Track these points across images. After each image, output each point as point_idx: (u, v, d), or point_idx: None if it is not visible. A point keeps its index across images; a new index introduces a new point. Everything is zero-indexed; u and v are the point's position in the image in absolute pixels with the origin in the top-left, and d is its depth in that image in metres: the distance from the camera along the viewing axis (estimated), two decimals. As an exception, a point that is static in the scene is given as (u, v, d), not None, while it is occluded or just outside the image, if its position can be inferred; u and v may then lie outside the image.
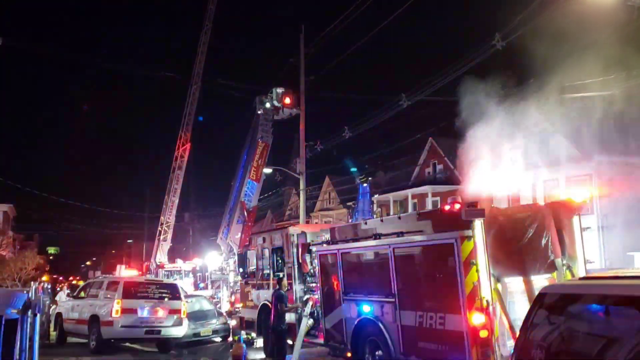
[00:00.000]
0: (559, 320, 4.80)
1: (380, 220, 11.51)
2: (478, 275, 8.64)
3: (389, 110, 25.76)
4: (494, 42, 18.68)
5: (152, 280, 21.82)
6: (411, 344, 9.81)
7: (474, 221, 8.72)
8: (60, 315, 18.56)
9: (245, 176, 30.88)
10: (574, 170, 24.98)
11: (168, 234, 41.10)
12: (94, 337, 15.99)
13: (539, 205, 10.36)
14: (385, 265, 10.43)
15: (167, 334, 16.36)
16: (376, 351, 10.77)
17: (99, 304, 16.40)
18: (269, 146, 30.55)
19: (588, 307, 4.60)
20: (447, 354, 9.06)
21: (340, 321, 11.84)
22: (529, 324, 5.01)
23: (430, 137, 38.16)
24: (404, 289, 10.04)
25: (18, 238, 57.33)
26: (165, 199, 40.89)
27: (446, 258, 9.04)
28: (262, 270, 15.66)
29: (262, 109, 29.61)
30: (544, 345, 4.72)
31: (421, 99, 23.57)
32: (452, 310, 8.92)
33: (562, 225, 10.02)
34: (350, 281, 11.62)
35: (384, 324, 10.40)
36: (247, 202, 30.77)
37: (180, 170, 39.81)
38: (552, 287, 5.35)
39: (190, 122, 38.99)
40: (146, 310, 15.95)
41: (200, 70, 37.75)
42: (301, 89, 28.93)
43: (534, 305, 5.09)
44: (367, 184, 30.71)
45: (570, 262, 9.84)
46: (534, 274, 9.35)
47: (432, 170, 39.78)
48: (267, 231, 18.28)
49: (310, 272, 13.64)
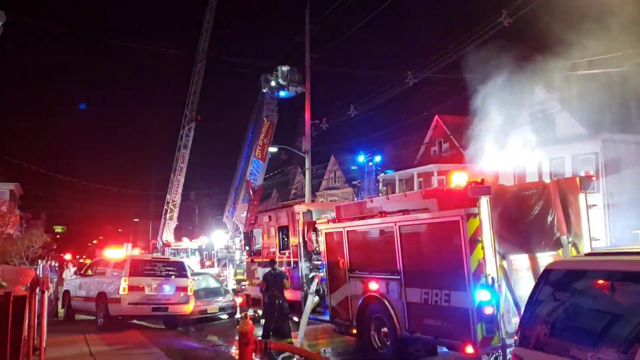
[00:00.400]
0: (564, 297, 4.81)
1: (387, 198, 11.50)
2: (483, 253, 8.66)
3: (394, 89, 25.65)
4: (501, 19, 18.51)
5: (159, 258, 21.96)
6: (416, 320, 9.87)
7: (480, 199, 8.73)
8: (68, 292, 18.75)
9: (250, 155, 30.93)
10: (580, 148, 24.87)
11: (174, 212, 41.29)
12: (101, 314, 16.16)
13: (545, 183, 10.31)
14: (391, 242, 10.46)
15: (174, 311, 16.52)
16: (381, 328, 10.86)
17: (106, 281, 16.55)
18: (274, 125, 30.53)
19: (593, 283, 4.61)
20: (452, 330, 9.12)
21: (345, 298, 11.92)
22: (534, 300, 5.03)
23: (437, 115, 37.98)
24: (410, 267, 10.08)
25: (25, 217, 57.69)
26: (171, 178, 40.99)
27: (452, 235, 9.05)
28: (268, 248, 15.73)
29: (267, 87, 29.52)
30: (549, 321, 4.74)
31: (427, 76, 23.42)
32: (457, 287, 8.95)
33: (568, 203, 10.01)
34: (356, 259, 11.67)
35: (390, 301, 10.46)
36: (252, 181, 30.87)
37: (185, 149, 39.81)
38: (557, 264, 5.35)
39: (195, 100, 38.90)
40: (153, 288, 16.08)
41: (205, 48, 37.59)
42: (306, 64, 28.77)
43: (539, 282, 5.11)
44: (372, 162, 30.61)
45: (576, 239, 9.85)
46: (540, 252, 9.36)
47: (438, 149, 39.64)
48: (273, 209, 18.33)
49: (315, 250, 13.70)
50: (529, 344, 4.81)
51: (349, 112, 28.49)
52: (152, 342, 13.74)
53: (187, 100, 38.95)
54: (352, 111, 28.37)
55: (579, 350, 4.22)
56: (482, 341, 8.56)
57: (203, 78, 38.40)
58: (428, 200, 9.82)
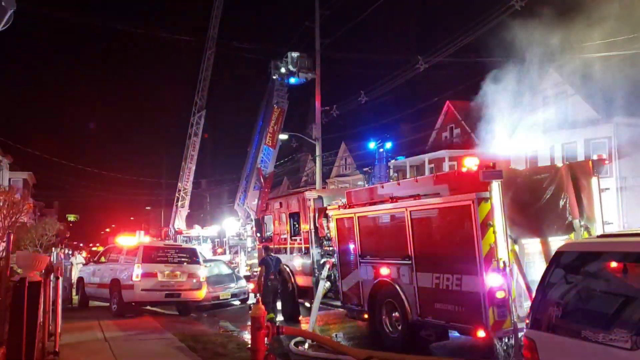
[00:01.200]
0: (576, 279, 4.80)
1: (397, 183, 11.47)
2: (495, 237, 8.63)
3: (405, 74, 25.50)
4: (513, 2, 18.31)
5: (171, 244, 22.10)
6: (428, 305, 9.88)
7: (492, 183, 8.68)
8: (81, 279, 18.95)
9: (261, 142, 30.92)
10: (593, 132, 24.66)
11: (186, 200, 41.48)
12: (115, 300, 16.33)
13: (557, 167, 10.23)
14: (402, 228, 10.45)
15: (186, 297, 16.66)
16: (393, 313, 10.89)
17: (119, 268, 16.70)
18: (284, 111, 30.47)
19: (605, 265, 4.59)
20: (463, 315, 9.13)
21: (357, 284, 11.95)
22: (546, 283, 5.01)
23: (448, 101, 37.76)
24: (421, 251, 10.08)
25: (38, 205, 58.24)
26: (182, 166, 41.14)
27: (463, 220, 9.03)
28: (279, 235, 15.79)
29: (277, 74, 29.43)
30: (561, 304, 4.73)
31: (439, 62, 23.25)
32: (469, 271, 8.94)
33: (580, 187, 9.94)
34: (367, 244, 11.68)
35: (401, 286, 10.48)
36: (263, 169, 30.90)
37: (196, 136, 39.90)
38: (569, 246, 5.33)
39: (205, 87, 38.89)
40: (166, 274, 16.22)
41: (215, 35, 37.50)
42: (317, 50, 28.63)
43: (551, 265, 5.09)
44: (383, 149, 30.53)
45: (588, 223, 9.78)
46: (552, 236, 9.31)
47: (449, 135, 39.46)
48: (283, 196, 18.37)
49: (326, 236, 13.72)
50: (540, 326, 4.80)
51: (360, 99, 28.41)
52: (165, 328, 13.89)
53: (197, 87, 38.98)
54: (363, 97, 28.28)
55: (591, 332, 4.22)
56: (494, 325, 8.56)
57: (213, 65, 38.41)
58: (439, 185, 9.79)
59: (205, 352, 10.36)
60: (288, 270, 15.05)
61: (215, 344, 11.16)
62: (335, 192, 15.02)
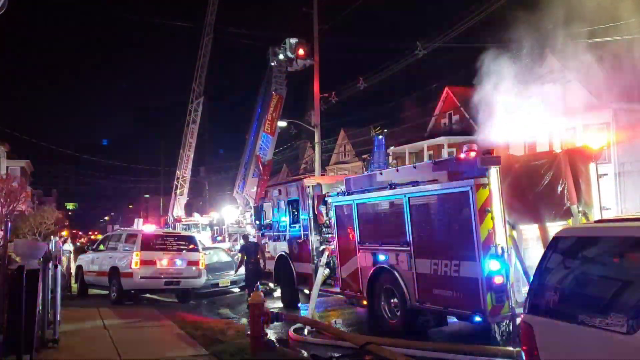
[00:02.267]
0: (573, 264, 4.81)
1: (396, 170, 11.48)
2: (493, 223, 8.65)
3: (404, 60, 25.39)
4: (511, -13, 18.18)
5: (170, 232, 22.14)
6: (426, 291, 9.92)
7: (490, 169, 8.69)
8: (80, 267, 18.98)
9: (259, 129, 30.78)
10: (591, 118, 24.61)
11: (184, 188, 41.45)
12: (114, 288, 16.38)
13: (555, 153, 10.24)
14: (401, 214, 10.46)
15: (186, 285, 16.71)
16: (392, 299, 10.93)
17: (118, 256, 16.72)
18: (283, 98, 30.30)
19: (603, 250, 4.59)
20: (462, 300, 9.17)
21: (356, 270, 11.98)
22: (544, 267, 5.02)
23: (446, 87, 37.64)
24: (419, 238, 10.10)
25: (37, 193, 58.25)
26: (181, 153, 41.06)
27: (461, 206, 9.04)
28: (278, 222, 15.80)
29: (275, 61, 29.23)
30: (558, 288, 4.74)
31: (438, 47, 23.15)
32: (467, 257, 8.97)
33: (578, 173, 9.95)
34: (366, 231, 11.69)
35: (399, 272, 10.51)
36: (262, 156, 30.79)
37: (194, 124, 39.77)
38: (566, 231, 5.33)
39: (203, 74, 38.69)
40: (165, 262, 16.24)
41: (212, 21, 37.24)
42: (315, 36, 28.48)
43: (549, 250, 5.09)
44: (382, 135, 30.45)
45: (586, 209, 9.81)
46: (550, 221, 9.33)
47: (447, 121, 39.37)
48: (282, 183, 18.35)
49: (325, 223, 13.74)
50: (538, 311, 4.82)
51: (359, 85, 28.29)
52: (164, 315, 13.94)
53: (195, 74, 38.78)
54: (362, 84, 28.16)
55: (587, 317, 4.23)
56: (492, 310, 8.60)
57: (211, 52, 38.18)
58: (438, 171, 9.79)
59: (205, 339, 10.40)
60: (287, 257, 15.07)
61: (215, 331, 11.20)
62: (334, 179, 15.00)
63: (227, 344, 9.88)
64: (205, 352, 9.51)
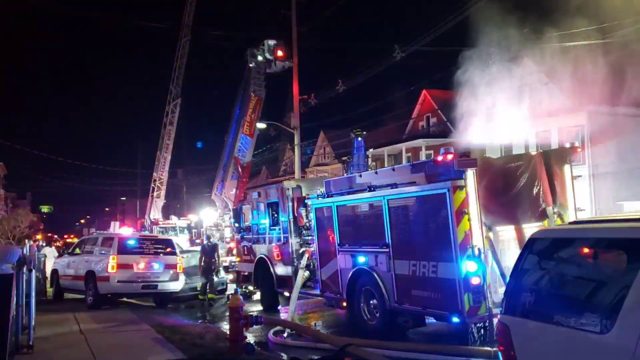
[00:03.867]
0: (549, 265, 4.86)
1: (375, 172, 11.53)
2: (470, 224, 8.75)
3: (382, 63, 25.52)
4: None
5: (147, 235, 21.94)
6: (405, 292, 9.99)
7: (467, 171, 8.79)
8: (56, 271, 18.70)
9: (238, 131, 30.69)
10: (566, 121, 24.95)
11: (161, 190, 41.09)
12: (90, 292, 16.16)
13: (531, 155, 10.39)
14: (380, 216, 10.52)
15: (163, 289, 16.56)
16: (371, 300, 10.98)
17: (94, 259, 16.51)
18: (262, 100, 30.24)
19: (577, 251, 4.66)
20: (439, 301, 9.24)
21: (335, 272, 12.00)
22: (520, 269, 5.07)
23: (424, 90, 37.87)
24: (398, 239, 10.16)
25: (10, 196, 57.30)
26: (158, 155, 40.71)
27: (439, 208, 9.13)
28: (257, 224, 15.75)
29: (253, 62, 29.18)
30: (534, 289, 4.80)
31: (415, 51, 23.32)
32: (444, 258, 9.05)
33: (553, 175, 10.12)
34: (346, 233, 11.73)
35: (379, 274, 10.56)
36: (241, 158, 30.71)
37: (171, 125, 39.47)
38: (542, 232, 5.39)
39: (181, 75, 38.44)
40: (142, 266, 16.09)
41: (189, 22, 37.06)
42: (293, 38, 28.48)
43: (524, 251, 5.15)
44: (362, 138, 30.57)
45: (561, 210, 9.98)
46: (526, 223, 9.48)
47: (425, 124, 39.62)
48: (262, 186, 18.29)
49: (305, 226, 13.73)
50: (514, 311, 4.87)
51: (338, 88, 28.35)
52: (142, 319, 13.79)
53: (172, 75, 38.52)
54: (341, 86, 28.23)
55: (562, 317, 4.29)
56: (469, 311, 8.69)
57: (188, 53, 37.98)
58: (416, 173, 9.87)
59: (183, 344, 10.31)
60: (267, 259, 15.02)
61: (193, 335, 11.13)
62: (314, 181, 15.01)
63: (206, 348, 9.82)
64: (183, 356, 9.43)
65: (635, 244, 4.01)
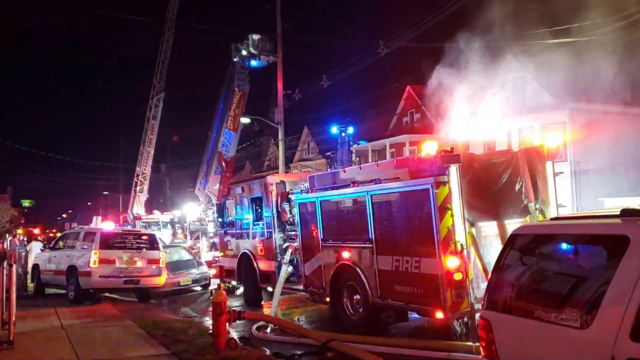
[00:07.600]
0: (530, 261, 4.90)
1: (359, 168, 11.54)
2: (453, 220, 8.80)
3: (366, 59, 25.57)
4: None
5: (129, 230, 21.78)
6: (388, 287, 10.03)
7: (450, 167, 8.83)
8: (37, 266, 18.51)
9: (222, 126, 30.56)
10: (548, 118, 25.19)
11: (144, 185, 40.80)
12: (72, 287, 16.02)
13: (514, 152, 10.47)
14: (363, 212, 10.55)
15: (146, 284, 16.47)
16: (354, 295, 11.01)
17: (76, 254, 16.36)
18: (246, 95, 30.14)
19: (558, 247, 4.71)
20: (422, 296, 9.29)
21: (319, 267, 12.02)
22: (501, 264, 5.11)
23: (408, 86, 37.99)
24: (381, 235, 10.20)
25: (-9, 191, 56.53)
26: (141, 150, 40.40)
27: (422, 203, 9.16)
28: (241, 219, 15.70)
29: (238, 57, 29.03)
30: (515, 285, 4.83)
31: (399, 47, 23.39)
32: (427, 254, 9.10)
33: (535, 171, 10.20)
34: (329, 228, 11.75)
35: (362, 269, 10.59)
36: (224, 153, 30.60)
37: (154, 120, 39.19)
38: (523, 228, 5.44)
39: (164, 70, 38.16)
40: (124, 260, 15.98)
41: (173, 16, 36.77)
42: (278, 32, 28.40)
43: (506, 247, 5.18)
44: (345, 133, 30.58)
45: (543, 206, 10.06)
46: (508, 219, 9.55)
47: (409, 120, 39.77)
48: (245, 181, 18.23)
49: (289, 221, 13.71)
50: (496, 307, 4.90)
51: (322, 83, 28.35)
52: (124, 315, 13.71)
53: (156, 70, 38.23)
54: (325, 82, 28.24)
55: (543, 312, 4.33)
56: (452, 306, 8.75)
57: (172, 47, 37.70)
58: (399, 169, 9.89)
59: (166, 339, 10.26)
60: (250, 254, 14.99)
61: (176, 330, 11.07)
62: (298, 176, 14.98)
63: (189, 344, 9.77)
64: (166, 351, 9.39)
65: (615, 240, 4.06)
